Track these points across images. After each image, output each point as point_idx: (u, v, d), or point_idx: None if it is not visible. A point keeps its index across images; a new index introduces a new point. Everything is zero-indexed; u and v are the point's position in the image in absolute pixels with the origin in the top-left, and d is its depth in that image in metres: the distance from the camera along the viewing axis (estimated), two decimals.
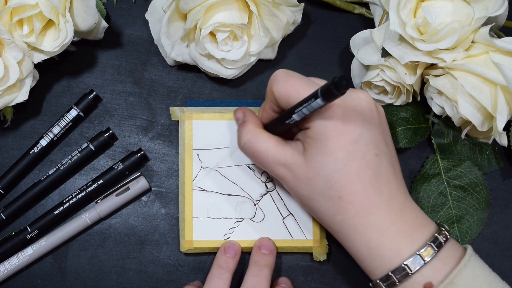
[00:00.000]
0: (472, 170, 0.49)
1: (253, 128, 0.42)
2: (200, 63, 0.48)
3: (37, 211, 0.50)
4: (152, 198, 0.50)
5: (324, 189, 0.39)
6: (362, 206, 0.38)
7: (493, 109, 0.42)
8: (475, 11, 0.43)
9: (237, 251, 0.47)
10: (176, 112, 0.49)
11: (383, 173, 0.39)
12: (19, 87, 0.45)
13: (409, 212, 0.39)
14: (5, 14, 0.43)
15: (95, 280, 0.49)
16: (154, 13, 0.48)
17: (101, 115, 0.51)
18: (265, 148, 0.41)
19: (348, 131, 0.38)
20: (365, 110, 0.39)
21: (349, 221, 0.39)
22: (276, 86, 0.40)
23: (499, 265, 0.50)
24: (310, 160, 0.39)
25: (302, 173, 0.40)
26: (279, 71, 0.40)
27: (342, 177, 0.38)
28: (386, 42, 0.44)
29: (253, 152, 0.42)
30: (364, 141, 0.38)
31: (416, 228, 0.39)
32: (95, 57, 0.51)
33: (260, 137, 0.41)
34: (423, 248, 0.38)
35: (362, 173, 0.38)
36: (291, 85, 0.39)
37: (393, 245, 0.38)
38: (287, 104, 0.40)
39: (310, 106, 0.36)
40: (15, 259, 0.48)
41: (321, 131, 0.38)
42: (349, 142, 0.38)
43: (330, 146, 0.38)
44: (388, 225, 0.38)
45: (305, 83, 0.39)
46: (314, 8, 0.52)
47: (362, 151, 0.38)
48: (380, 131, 0.40)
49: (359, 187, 0.38)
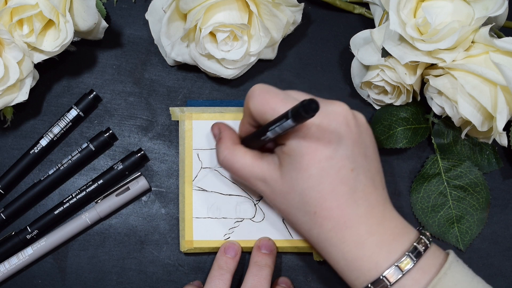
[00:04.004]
0: (472, 170, 0.49)
1: (229, 145, 0.42)
2: (200, 63, 0.48)
3: (37, 211, 0.50)
4: (152, 198, 0.50)
5: (300, 204, 0.39)
6: (338, 221, 0.38)
7: (493, 109, 0.42)
8: (475, 11, 0.43)
9: (237, 251, 0.47)
10: (176, 112, 0.49)
11: (360, 187, 0.39)
12: (19, 87, 0.45)
13: (388, 223, 0.39)
14: (5, 14, 0.43)
15: (95, 280, 0.49)
16: (154, 13, 0.48)
17: (101, 115, 0.51)
18: (242, 164, 0.41)
19: (322, 148, 0.38)
20: (341, 124, 0.38)
21: (325, 235, 0.39)
22: (252, 102, 0.40)
23: (499, 265, 0.50)
24: (286, 176, 0.39)
25: (278, 187, 0.40)
26: (256, 87, 0.40)
27: (316, 194, 0.38)
28: (386, 42, 0.44)
29: (230, 169, 0.42)
30: (339, 157, 0.38)
31: (395, 238, 0.39)
32: (95, 57, 0.51)
33: (237, 154, 0.42)
34: (401, 258, 0.38)
35: (336, 189, 0.38)
36: (267, 101, 0.39)
37: (372, 257, 0.38)
38: (263, 120, 0.40)
39: (282, 126, 0.36)
40: (15, 259, 0.48)
41: (296, 148, 0.38)
42: (323, 158, 0.38)
43: (304, 163, 0.38)
44: (366, 238, 0.38)
45: (280, 99, 0.39)
46: (314, 8, 0.52)
47: (337, 167, 0.38)
48: (358, 145, 0.39)
49: (334, 203, 0.38)
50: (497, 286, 0.49)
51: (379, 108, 0.50)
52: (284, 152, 0.39)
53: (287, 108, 0.36)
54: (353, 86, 0.51)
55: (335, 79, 0.51)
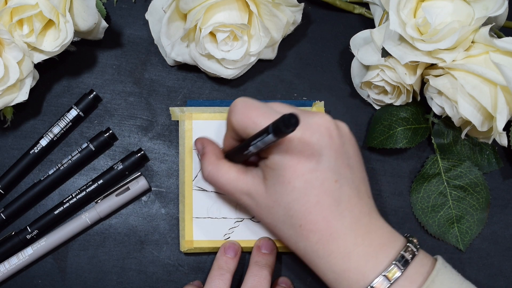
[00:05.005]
0: (472, 170, 0.49)
1: (213, 159, 0.42)
2: (200, 63, 0.48)
3: (37, 211, 0.50)
4: (152, 198, 0.50)
5: (285, 217, 0.39)
6: (324, 233, 0.38)
7: (493, 109, 0.42)
8: (475, 11, 0.43)
9: (237, 251, 0.47)
10: (176, 112, 0.49)
11: (344, 198, 0.39)
12: (19, 87, 0.45)
13: (374, 233, 0.39)
14: (5, 14, 0.43)
15: (95, 280, 0.49)
16: (154, 13, 0.48)
17: (101, 115, 0.51)
18: (227, 179, 0.41)
19: (305, 161, 0.38)
20: (323, 136, 0.38)
21: (312, 248, 0.39)
22: (234, 116, 0.40)
23: (499, 265, 0.50)
24: (270, 189, 0.39)
25: (263, 201, 0.40)
26: (238, 101, 0.40)
27: (301, 207, 0.38)
28: (386, 42, 0.44)
29: (215, 184, 0.42)
30: (322, 169, 0.38)
31: (382, 248, 0.39)
32: (95, 57, 0.51)
33: (221, 168, 0.41)
34: (388, 268, 0.38)
35: (321, 201, 0.38)
36: (248, 115, 0.39)
37: (359, 268, 0.38)
38: (245, 134, 0.39)
39: (263, 141, 0.35)
40: (15, 259, 0.48)
41: (278, 162, 0.38)
42: (306, 171, 0.38)
43: (287, 176, 0.38)
44: (352, 249, 0.38)
45: (262, 113, 0.38)
46: (314, 8, 0.52)
47: (321, 179, 0.38)
48: (341, 155, 0.39)
49: (319, 215, 0.38)
50: (497, 286, 0.49)
51: (379, 108, 0.50)
52: (268, 166, 0.39)
53: (268, 121, 0.35)
54: (353, 86, 0.51)
55: (335, 79, 0.51)
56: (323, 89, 0.51)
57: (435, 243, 0.50)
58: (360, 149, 0.51)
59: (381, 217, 0.41)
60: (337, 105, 0.51)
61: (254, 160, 0.43)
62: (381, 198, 0.50)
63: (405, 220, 0.50)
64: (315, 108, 0.49)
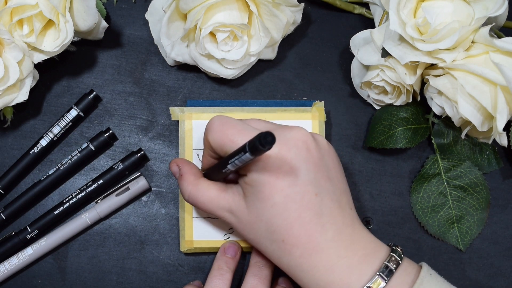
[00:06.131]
0: (472, 170, 0.49)
1: (192, 180, 0.42)
2: (200, 63, 0.48)
3: (37, 211, 0.50)
4: (152, 198, 0.50)
5: (267, 233, 0.39)
6: (307, 247, 0.38)
7: (493, 109, 0.42)
8: (475, 11, 0.43)
9: (237, 251, 0.47)
10: (176, 112, 0.49)
11: (326, 211, 0.38)
12: (19, 87, 0.45)
13: (357, 244, 0.39)
14: (5, 14, 0.43)
15: (95, 280, 0.49)
16: (154, 13, 0.48)
17: (101, 115, 0.51)
18: (207, 198, 0.41)
19: (283, 176, 0.37)
20: (300, 150, 0.38)
21: (296, 262, 0.39)
22: (210, 135, 0.40)
23: (499, 265, 0.50)
24: (251, 206, 0.39)
25: (245, 218, 0.40)
26: (214, 119, 0.40)
27: (282, 222, 0.38)
28: (386, 42, 0.44)
29: (196, 204, 0.42)
30: (301, 183, 0.38)
31: (365, 259, 0.38)
32: (95, 57, 0.51)
33: (200, 188, 0.41)
34: (372, 279, 0.37)
35: (302, 215, 0.38)
36: (225, 133, 0.39)
37: (343, 280, 0.38)
38: (223, 152, 0.39)
39: (240, 159, 0.35)
40: (15, 259, 0.48)
41: (257, 179, 0.38)
42: (285, 186, 0.37)
43: (267, 192, 0.38)
44: (335, 261, 0.38)
45: (238, 131, 0.38)
46: (314, 8, 0.52)
47: (301, 193, 0.38)
48: (320, 168, 0.39)
49: (301, 230, 0.38)
50: (497, 286, 0.49)
51: (379, 108, 0.50)
52: (247, 183, 0.39)
53: (246, 139, 0.35)
54: (353, 86, 0.51)
55: (335, 79, 0.51)
56: (323, 89, 0.51)
57: (435, 243, 0.50)
58: (360, 149, 0.51)
59: (364, 227, 0.41)
60: (337, 105, 0.51)
61: (234, 177, 0.43)
62: (381, 198, 0.50)
63: (405, 220, 0.50)
64: (315, 108, 0.49)
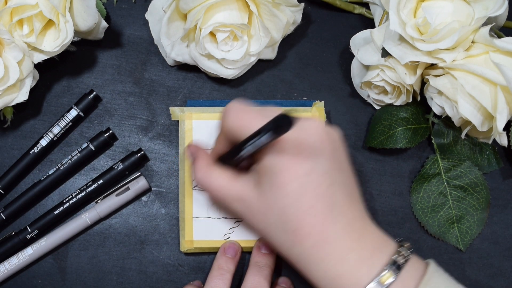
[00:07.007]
0: (472, 170, 0.49)
1: (205, 164, 0.41)
2: (200, 63, 0.48)
3: (37, 211, 0.50)
4: (152, 198, 0.50)
5: (279, 222, 0.38)
6: (318, 238, 0.38)
7: (493, 109, 0.42)
8: (475, 11, 0.43)
9: (237, 251, 0.47)
10: (176, 112, 0.49)
11: (338, 203, 0.38)
12: (19, 87, 0.45)
13: (367, 237, 0.39)
14: (5, 14, 0.43)
15: (95, 280, 0.49)
16: (154, 13, 0.48)
17: (101, 115, 0.51)
18: (218, 185, 0.40)
19: (300, 164, 0.37)
20: (316, 140, 0.38)
21: (306, 253, 0.38)
22: (227, 119, 0.39)
23: (499, 265, 0.50)
24: (263, 194, 0.39)
25: (256, 207, 0.39)
26: (231, 104, 0.40)
27: (295, 211, 0.38)
28: (386, 42, 0.44)
29: (207, 189, 0.41)
30: (316, 173, 0.38)
31: (375, 252, 0.38)
32: (95, 57, 0.51)
33: (212, 174, 0.41)
34: (382, 273, 0.37)
35: (316, 206, 0.38)
36: (242, 118, 0.38)
37: (352, 273, 0.38)
38: (239, 137, 0.39)
39: (257, 143, 0.35)
40: (15, 259, 0.48)
41: (273, 165, 0.38)
42: (301, 174, 0.37)
43: (282, 180, 0.37)
44: (346, 254, 0.38)
45: (255, 116, 0.38)
46: (314, 8, 0.52)
47: (315, 183, 0.37)
48: (334, 160, 0.39)
49: (314, 219, 0.38)
50: (497, 286, 0.49)
51: (379, 108, 0.50)
52: (261, 170, 0.39)
53: (262, 124, 0.35)
54: (353, 86, 0.51)
55: (335, 79, 0.51)
56: (323, 89, 0.51)
57: (435, 243, 0.50)
58: (360, 149, 0.51)
59: (372, 222, 0.41)
60: (337, 105, 0.51)
61: (246, 165, 0.42)
62: (381, 198, 0.50)
63: (405, 220, 0.50)
64: (315, 108, 0.49)
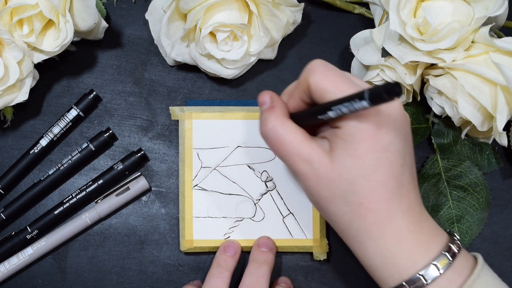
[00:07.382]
0: (472, 170, 0.49)
1: (281, 116, 0.39)
2: (200, 63, 0.48)
3: (37, 211, 0.50)
4: (152, 198, 0.50)
5: (346, 192, 0.37)
6: (382, 214, 0.37)
7: (493, 109, 0.42)
8: (475, 11, 0.43)
9: (237, 250, 0.47)
10: (176, 111, 0.49)
11: (405, 183, 0.38)
12: (19, 87, 0.45)
13: (424, 222, 0.39)
14: (5, 14, 0.43)
15: (95, 280, 0.49)
16: (154, 13, 0.48)
17: (101, 115, 0.51)
18: (291, 139, 0.38)
19: (380, 138, 0.36)
20: (397, 118, 0.37)
21: (366, 228, 0.38)
22: (313, 77, 0.37)
23: (499, 265, 0.50)
24: (336, 161, 0.37)
25: (325, 173, 0.38)
26: (317, 61, 0.38)
27: (367, 184, 0.37)
28: (386, 42, 0.44)
29: (276, 141, 0.39)
30: (393, 150, 0.37)
31: (431, 237, 0.38)
32: (95, 57, 0.51)
33: (287, 127, 0.39)
34: (438, 257, 0.37)
35: (387, 182, 0.37)
36: (331, 79, 0.37)
37: (409, 254, 0.37)
38: (321, 98, 0.37)
39: (352, 107, 0.34)
40: (15, 259, 0.48)
41: (353, 133, 0.36)
42: (379, 149, 0.37)
43: (360, 150, 0.36)
44: (406, 234, 0.38)
45: (344, 81, 0.37)
46: (314, 8, 0.52)
47: (390, 160, 0.37)
48: (407, 142, 0.39)
49: (382, 195, 0.37)
50: None
51: None
52: (338, 136, 0.37)
53: (351, 90, 0.34)
54: None
55: None
56: None
57: None
58: None
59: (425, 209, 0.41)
60: None
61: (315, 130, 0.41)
62: None
63: None
64: None
